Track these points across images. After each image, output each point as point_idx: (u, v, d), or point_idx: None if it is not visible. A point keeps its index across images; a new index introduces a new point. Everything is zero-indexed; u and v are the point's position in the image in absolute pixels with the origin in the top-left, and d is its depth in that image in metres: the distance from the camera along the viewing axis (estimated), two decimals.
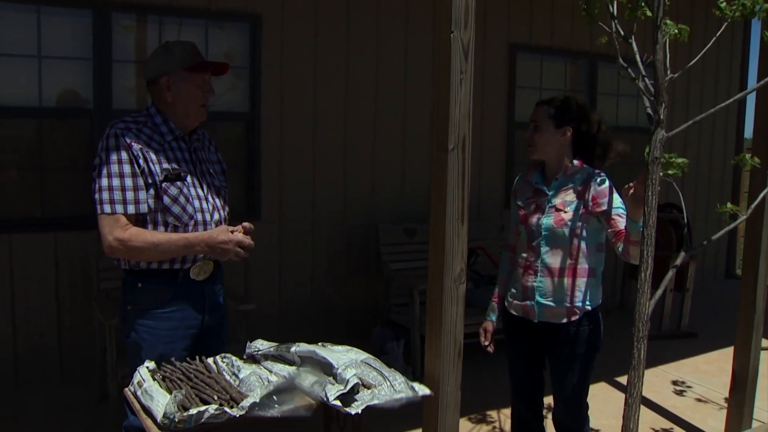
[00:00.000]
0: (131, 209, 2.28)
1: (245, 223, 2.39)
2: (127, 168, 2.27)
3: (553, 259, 2.64)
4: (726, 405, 3.51)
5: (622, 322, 3.48)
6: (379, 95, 5.21)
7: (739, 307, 3.39)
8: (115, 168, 2.27)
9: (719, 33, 2.53)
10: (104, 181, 2.27)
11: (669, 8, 2.29)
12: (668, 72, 2.25)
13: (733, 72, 7.58)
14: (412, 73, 5.30)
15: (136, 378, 2.08)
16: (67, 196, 4.20)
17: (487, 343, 2.91)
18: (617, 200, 2.57)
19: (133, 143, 2.30)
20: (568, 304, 2.64)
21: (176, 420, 1.78)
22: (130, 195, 2.28)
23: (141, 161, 2.29)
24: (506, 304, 2.84)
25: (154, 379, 2.05)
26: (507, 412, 3.86)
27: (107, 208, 2.26)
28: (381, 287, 5.10)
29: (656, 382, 4.50)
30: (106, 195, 2.26)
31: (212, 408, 1.80)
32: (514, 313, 2.79)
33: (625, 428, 2.31)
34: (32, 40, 4.01)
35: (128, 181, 2.27)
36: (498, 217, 5.80)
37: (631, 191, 2.33)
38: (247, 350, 2.36)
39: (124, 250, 2.28)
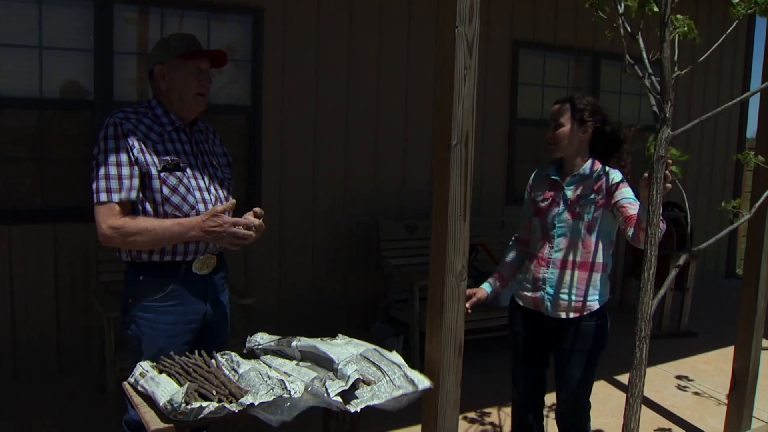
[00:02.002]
0: (124, 196, 2.27)
1: (256, 209, 2.35)
2: (123, 157, 2.26)
3: (566, 251, 2.66)
4: (725, 404, 3.50)
5: (622, 320, 3.48)
6: (381, 89, 5.19)
7: (740, 307, 3.38)
8: (111, 157, 2.26)
9: (729, 30, 2.52)
10: (101, 170, 2.26)
11: (676, 5, 2.28)
12: (675, 69, 2.24)
13: (736, 68, 7.56)
14: (414, 67, 5.28)
15: (138, 370, 2.07)
16: (67, 187, 4.19)
17: (468, 306, 2.62)
18: (629, 191, 2.61)
19: (130, 133, 2.29)
20: (578, 298, 2.65)
21: (179, 409, 1.77)
22: (126, 183, 2.27)
23: (136, 151, 2.28)
24: (515, 297, 2.85)
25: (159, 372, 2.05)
26: (507, 410, 3.85)
27: (103, 197, 2.26)
28: (381, 283, 5.08)
29: (655, 381, 4.49)
30: (102, 183, 2.26)
31: (212, 405, 1.79)
32: (522, 304, 2.80)
33: (626, 428, 2.30)
34: (34, 31, 3.99)
35: (125, 170, 2.27)
36: (499, 213, 5.78)
37: (645, 178, 2.34)
38: (248, 344, 2.35)
39: (118, 237, 2.26)
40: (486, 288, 2.86)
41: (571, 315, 2.68)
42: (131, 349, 2.45)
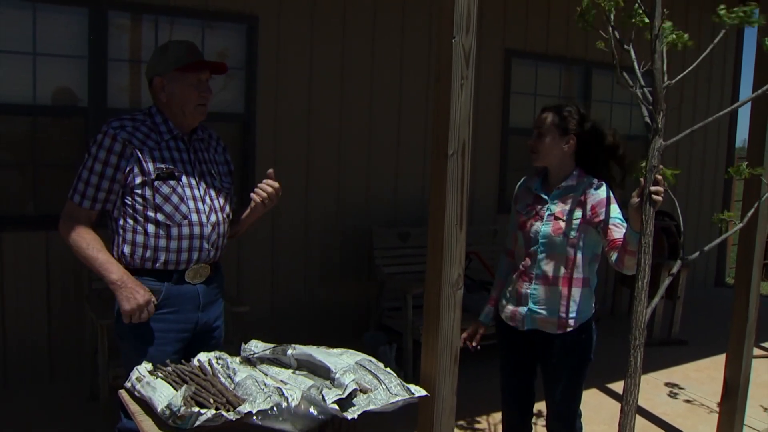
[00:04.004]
0: (87, 204, 2.32)
1: (270, 170, 2.57)
2: (99, 167, 2.30)
3: (549, 267, 2.62)
4: (717, 412, 3.52)
5: (613, 328, 3.50)
6: (374, 98, 5.20)
7: (732, 315, 3.40)
8: (96, 166, 2.30)
9: (717, 40, 2.54)
10: (83, 173, 2.32)
11: (666, 16, 2.30)
12: (665, 80, 2.25)
13: (726, 77, 7.62)
14: (407, 76, 5.30)
15: (134, 374, 2.06)
16: (60, 194, 4.09)
17: (474, 344, 2.89)
18: (615, 210, 2.55)
19: (125, 142, 2.30)
20: (560, 314, 2.62)
21: (178, 413, 1.77)
22: (101, 195, 2.31)
23: (124, 162, 2.30)
24: (499, 307, 2.82)
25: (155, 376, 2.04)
26: (497, 416, 3.86)
27: (72, 195, 2.34)
28: (374, 291, 5.08)
29: (647, 389, 4.51)
30: (79, 185, 2.33)
31: (210, 413, 1.78)
32: (503, 317, 2.78)
33: None
34: (28, 38, 3.97)
35: (104, 184, 2.31)
36: (491, 222, 5.80)
37: (636, 200, 2.31)
38: (242, 353, 2.34)
39: (67, 237, 2.34)
40: (484, 320, 2.90)
41: (555, 331, 2.64)
42: (124, 356, 2.45)
